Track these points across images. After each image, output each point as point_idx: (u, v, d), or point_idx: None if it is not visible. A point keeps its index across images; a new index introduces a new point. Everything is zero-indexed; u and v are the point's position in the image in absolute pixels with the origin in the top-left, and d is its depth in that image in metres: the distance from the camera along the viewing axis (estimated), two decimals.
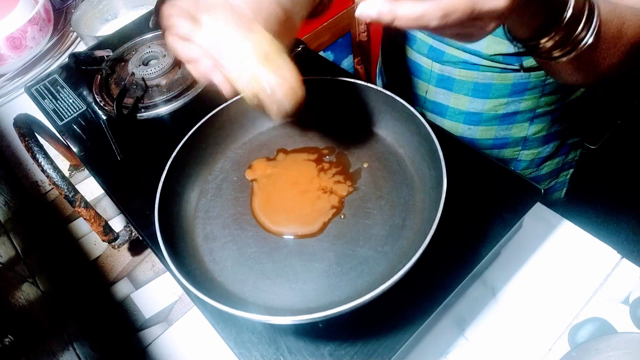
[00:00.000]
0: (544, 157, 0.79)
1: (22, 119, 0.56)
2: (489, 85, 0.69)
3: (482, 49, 0.66)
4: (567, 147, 0.80)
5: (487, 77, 0.68)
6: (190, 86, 0.69)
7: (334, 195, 0.53)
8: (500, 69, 0.67)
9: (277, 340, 0.46)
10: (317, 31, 1.47)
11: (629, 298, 0.55)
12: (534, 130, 0.75)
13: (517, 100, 0.70)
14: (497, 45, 0.64)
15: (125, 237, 0.59)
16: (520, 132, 0.75)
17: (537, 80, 0.68)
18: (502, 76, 0.68)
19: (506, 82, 0.68)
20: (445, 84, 0.72)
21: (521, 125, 0.74)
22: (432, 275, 0.47)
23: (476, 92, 0.71)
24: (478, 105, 0.72)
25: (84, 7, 1.02)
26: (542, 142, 0.77)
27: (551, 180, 0.84)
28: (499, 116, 0.73)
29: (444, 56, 0.70)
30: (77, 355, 0.56)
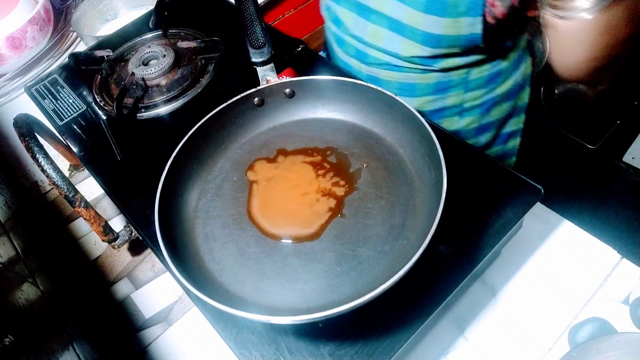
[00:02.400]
0: (480, 147, 0.81)
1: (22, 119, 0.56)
2: (413, 84, 0.72)
3: (400, 51, 0.69)
4: (505, 136, 0.82)
5: (410, 78, 0.72)
6: (190, 86, 0.69)
7: (332, 198, 0.53)
8: (421, 70, 0.70)
9: (277, 340, 0.46)
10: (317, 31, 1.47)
11: (629, 298, 0.55)
12: (465, 123, 0.77)
13: (442, 98, 0.73)
14: (413, 48, 0.67)
15: (125, 237, 0.59)
16: (451, 125, 0.77)
17: (458, 79, 0.71)
18: (423, 76, 0.71)
19: (429, 82, 0.71)
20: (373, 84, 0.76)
21: (451, 119, 0.77)
22: (432, 275, 0.47)
23: (402, 91, 0.74)
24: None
25: (84, 7, 1.02)
26: (475, 133, 0.79)
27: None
28: (426, 112, 0.75)
29: (368, 58, 0.73)
30: (77, 355, 0.56)
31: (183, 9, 0.86)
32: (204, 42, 0.73)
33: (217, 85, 0.70)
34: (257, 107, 0.60)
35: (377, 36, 0.69)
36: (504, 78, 0.74)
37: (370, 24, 0.69)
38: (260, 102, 0.59)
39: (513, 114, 0.80)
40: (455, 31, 0.63)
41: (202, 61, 0.72)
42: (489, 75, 0.72)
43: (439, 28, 0.63)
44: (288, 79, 0.59)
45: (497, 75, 0.73)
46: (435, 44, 0.65)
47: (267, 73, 0.59)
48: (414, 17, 0.63)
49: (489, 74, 0.72)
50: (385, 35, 0.68)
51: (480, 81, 0.72)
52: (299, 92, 0.59)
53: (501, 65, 0.72)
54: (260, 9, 0.62)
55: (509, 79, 0.75)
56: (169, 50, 0.72)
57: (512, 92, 0.77)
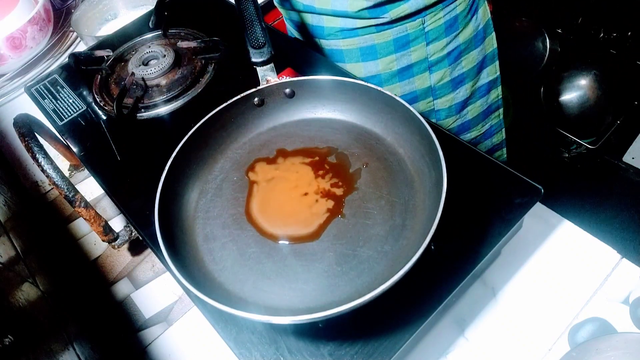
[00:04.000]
0: (461, 101, 0.81)
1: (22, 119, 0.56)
2: (373, 46, 0.73)
3: (347, 8, 0.70)
4: (485, 87, 0.83)
5: (368, 40, 0.72)
6: (190, 86, 0.69)
7: (331, 199, 0.53)
8: (375, 26, 0.70)
9: (277, 340, 0.46)
10: None
11: (629, 298, 0.55)
12: (437, 78, 0.77)
13: (405, 54, 0.74)
14: (359, 1, 0.68)
15: (125, 237, 0.59)
16: (423, 83, 0.77)
17: (416, 31, 0.71)
18: (380, 35, 0.71)
19: (387, 40, 0.72)
20: (337, 58, 0.77)
21: (421, 76, 0.77)
22: (432, 275, 0.47)
23: (364, 56, 0.74)
24: (372, 68, 0.75)
25: (84, 7, 1.02)
26: (451, 88, 0.79)
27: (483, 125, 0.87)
28: (395, 73, 0.76)
29: (324, 30, 0.74)
30: (77, 355, 0.56)
31: (183, 9, 0.86)
32: (204, 42, 0.73)
33: (217, 85, 0.70)
34: (257, 107, 0.60)
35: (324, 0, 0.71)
36: (463, 23, 0.74)
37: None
38: (260, 102, 0.59)
39: (484, 62, 0.80)
40: None
41: (202, 61, 0.72)
42: (445, 22, 0.72)
43: None
44: (288, 79, 0.59)
45: (454, 21, 0.73)
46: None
47: (267, 73, 0.59)
48: None
49: (445, 22, 0.72)
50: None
51: (439, 30, 0.73)
52: (299, 92, 0.59)
53: (456, 10, 0.72)
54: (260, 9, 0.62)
55: (468, 25, 0.75)
56: (169, 50, 0.72)
57: (475, 38, 0.77)
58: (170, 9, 0.83)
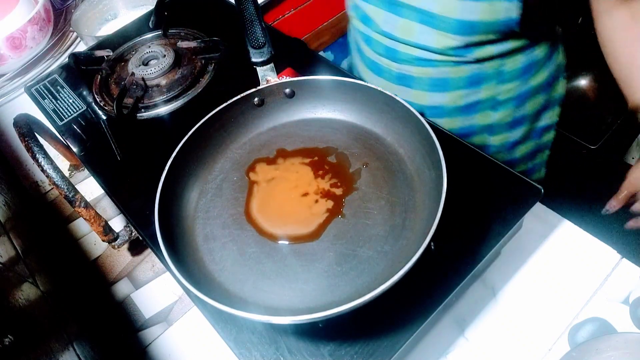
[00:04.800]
0: (514, 141, 0.80)
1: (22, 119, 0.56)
2: (446, 79, 0.71)
3: (432, 43, 0.68)
4: (540, 130, 0.81)
5: (443, 72, 0.71)
6: (190, 86, 0.69)
7: (331, 199, 0.53)
8: (454, 62, 0.69)
9: (277, 340, 0.46)
10: (317, 31, 1.47)
11: (629, 298, 0.55)
12: (499, 117, 0.76)
13: (475, 91, 0.72)
14: (446, 39, 0.66)
15: (125, 237, 0.59)
16: (484, 119, 0.76)
17: (492, 70, 0.70)
18: (457, 69, 0.70)
19: (462, 75, 0.70)
20: (404, 82, 0.75)
21: (484, 113, 0.75)
22: (432, 275, 0.47)
23: (434, 86, 0.73)
24: (438, 99, 0.74)
25: (84, 7, 1.02)
26: (509, 127, 0.78)
27: (528, 163, 0.85)
28: (460, 107, 0.74)
29: (398, 54, 0.72)
30: (77, 355, 0.56)
31: (183, 9, 0.86)
32: (204, 42, 0.73)
33: (217, 85, 0.70)
34: (257, 107, 0.60)
35: (409, 30, 0.68)
36: (538, 69, 0.73)
37: (401, 19, 0.68)
38: (260, 102, 0.59)
39: (548, 106, 0.79)
40: (492, 16, 0.62)
41: (202, 61, 0.72)
42: (523, 66, 0.71)
43: (474, 14, 0.62)
44: (288, 79, 0.59)
45: (532, 65, 0.72)
46: (469, 32, 0.65)
47: (267, 73, 0.59)
48: (446, 6, 0.63)
49: (523, 65, 0.71)
50: (417, 28, 0.68)
51: (515, 72, 0.71)
52: (299, 92, 0.59)
53: (535, 55, 0.71)
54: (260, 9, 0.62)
55: (543, 70, 0.73)
56: (169, 50, 0.72)
57: (546, 83, 0.75)
58: (170, 9, 0.83)
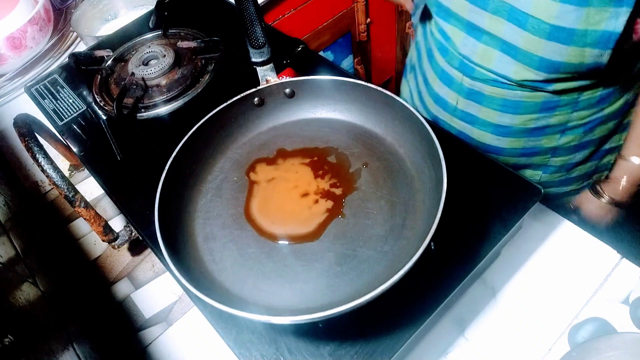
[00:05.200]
0: (574, 162, 0.77)
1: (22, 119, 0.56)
2: (519, 102, 0.68)
3: (511, 74, 0.65)
4: (602, 153, 0.78)
5: (517, 95, 0.67)
6: (190, 86, 0.69)
7: (331, 199, 0.53)
8: (531, 89, 0.66)
9: (277, 340, 0.46)
10: (317, 31, 1.47)
11: (629, 298, 0.55)
12: (565, 141, 0.73)
13: (547, 116, 0.69)
14: (526, 72, 0.63)
15: (125, 237, 0.59)
16: (550, 142, 0.74)
17: (568, 99, 0.67)
18: (531, 95, 0.67)
19: (536, 100, 0.67)
20: (474, 97, 0.72)
21: (552, 137, 0.73)
22: (432, 275, 0.47)
23: (505, 107, 0.70)
24: (507, 120, 0.71)
25: (84, 7, 1.02)
26: (573, 150, 0.75)
27: (582, 182, 0.82)
28: (528, 130, 0.72)
29: (474, 72, 0.69)
30: (77, 355, 0.56)
31: (183, 9, 0.86)
32: (204, 42, 0.73)
33: (217, 85, 0.70)
34: (257, 107, 0.60)
35: (487, 57, 0.66)
36: (615, 98, 0.70)
37: (481, 44, 0.66)
38: (260, 102, 0.59)
39: (617, 131, 0.76)
40: (579, 60, 0.59)
41: (202, 61, 0.72)
42: (601, 95, 0.68)
43: (561, 56, 0.59)
44: (288, 79, 0.59)
45: (609, 95, 0.68)
46: (552, 70, 0.62)
47: (267, 73, 0.59)
48: (532, 43, 0.60)
49: (600, 95, 0.68)
50: (496, 56, 0.65)
51: (591, 102, 0.68)
52: (299, 92, 0.59)
53: (613, 85, 0.67)
54: (260, 9, 0.62)
55: (620, 99, 0.70)
56: (169, 50, 0.72)
57: (620, 110, 0.72)
58: (170, 9, 0.83)
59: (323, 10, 1.45)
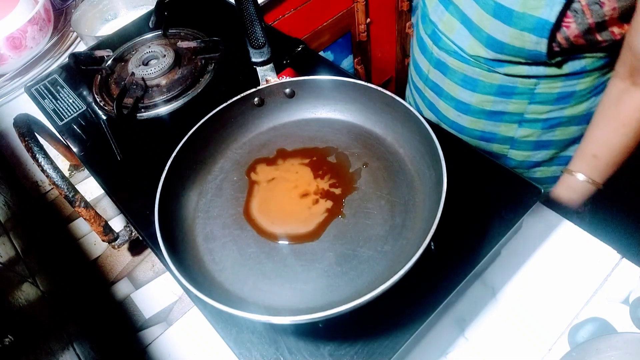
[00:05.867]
0: (536, 161, 0.79)
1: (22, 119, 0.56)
2: (476, 80, 0.71)
3: (466, 47, 0.68)
4: (567, 159, 0.77)
5: (476, 73, 0.70)
6: (190, 86, 0.69)
7: (331, 199, 0.53)
8: (486, 68, 0.69)
9: (277, 340, 0.46)
10: (317, 31, 1.47)
11: (629, 298, 0.55)
12: (523, 134, 0.75)
13: (504, 101, 0.71)
14: (478, 48, 0.66)
15: (125, 237, 0.59)
16: (508, 131, 0.75)
17: (524, 87, 0.68)
18: (489, 75, 0.69)
19: (493, 82, 0.70)
20: (441, 68, 0.75)
21: (509, 125, 0.75)
22: (432, 275, 0.47)
23: (465, 83, 0.73)
24: (467, 97, 0.74)
25: (84, 7, 1.02)
26: (532, 147, 0.77)
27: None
28: (486, 111, 0.74)
29: (440, 41, 0.73)
30: (77, 355, 0.56)
31: (183, 9, 0.86)
32: (204, 42, 0.73)
33: (217, 85, 0.70)
34: (257, 107, 0.60)
35: (450, 27, 0.69)
36: (577, 100, 0.70)
37: (447, 14, 0.69)
38: (260, 102, 0.59)
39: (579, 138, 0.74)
40: (520, 43, 0.61)
41: (202, 61, 0.72)
42: (560, 93, 0.68)
43: (504, 36, 0.61)
44: (288, 79, 0.59)
45: (569, 95, 0.69)
46: (498, 50, 0.64)
47: (267, 73, 0.59)
48: (482, 19, 0.63)
49: (559, 92, 0.68)
50: (457, 28, 0.68)
51: (549, 96, 0.69)
52: (299, 92, 0.59)
53: (576, 86, 0.68)
54: (260, 9, 0.62)
55: (583, 103, 0.70)
56: (169, 50, 0.72)
57: (584, 117, 0.72)
58: (170, 9, 0.83)
59: (323, 10, 1.45)
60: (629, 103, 0.61)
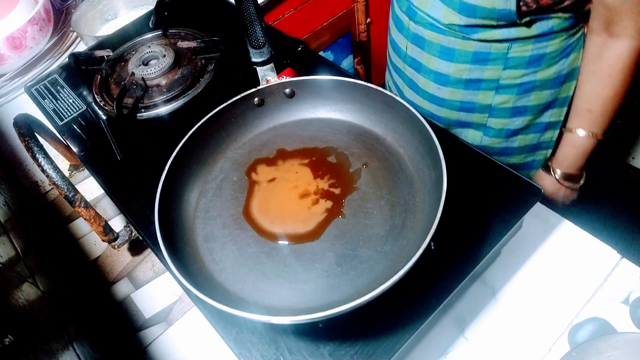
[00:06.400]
0: (514, 129, 0.81)
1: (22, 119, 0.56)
2: (453, 50, 0.73)
3: (440, 17, 0.70)
4: (543, 126, 0.82)
5: (452, 42, 0.73)
6: (190, 86, 0.69)
7: (331, 199, 0.53)
8: (462, 36, 0.71)
9: (277, 340, 0.46)
10: (317, 31, 1.47)
11: (629, 298, 0.55)
12: (500, 101, 0.77)
13: (479, 68, 0.74)
14: (452, 15, 0.69)
15: (125, 237, 0.59)
16: (485, 99, 0.78)
17: (498, 52, 0.71)
18: (464, 43, 0.72)
19: (468, 50, 0.72)
20: (418, 42, 0.78)
21: (486, 92, 0.77)
22: (432, 275, 0.47)
23: (442, 54, 0.75)
24: (444, 67, 0.76)
25: (84, 7, 1.02)
26: (510, 114, 0.79)
27: (527, 156, 0.86)
28: (463, 80, 0.76)
29: (416, 16, 0.75)
30: (77, 355, 0.56)
31: (183, 9, 0.86)
32: (204, 42, 0.73)
33: (217, 85, 0.70)
34: (257, 107, 0.60)
35: (424, 1, 0.72)
36: (548, 63, 0.73)
37: None
38: (260, 102, 0.59)
39: (554, 103, 0.79)
40: (490, 4, 0.64)
41: (202, 61, 0.72)
42: (531, 56, 0.72)
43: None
44: (288, 79, 0.59)
45: (540, 58, 0.72)
46: (470, 14, 0.67)
47: (267, 73, 0.59)
48: None
49: (531, 55, 0.71)
50: (430, 0, 0.71)
51: (521, 60, 0.72)
52: (299, 92, 0.59)
53: (546, 48, 0.71)
54: (260, 9, 0.62)
55: (553, 65, 0.74)
56: (169, 50, 0.72)
57: (555, 80, 0.76)
58: (170, 9, 0.83)
59: (323, 10, 1.45)
60: (609, 54, 0.65)
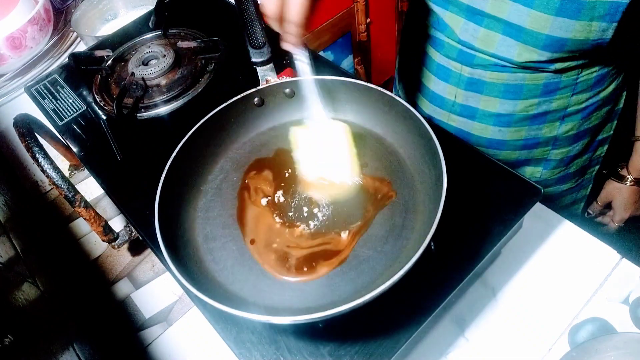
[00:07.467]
0: (573, 155, 0.78)
1: (22, 119, 0.56)
2: (520, 86, 0.69)
3: (514, 56, 0.65)
4: (596, 143, 0.80)
5: (519, 78, 0.68)
6: (190, 86, 0.69)
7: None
8: (532, 70, 0.67)
9: (277, 340, 0.46)
10: (317, 31, 1.47)
11: (629, 298, 0.55)
12: (565, 129, 0.74)
13: (548, 100, 0.70)
14: (529, 53, 0.63)
15: (125, 237, 0.59)
16: (550, 131, 0.74)
17: (568, 80, 0.68)
18: (533, 76, 0.67)
19: (537, 83, 0.68)
20: (475, 87, 0.72)
21: (552, 124, 0.73)
22: (432, 275, 0.47)
23: (507, 93, 0.70)
24: (509, 107, 0.71)
25: (84, 7, 1.02)
26: (572, 141, 0.76)
27: (578, 179, 0.83)
28: (529, 116, 0.72)
29: (474, 60, 0.69)
30: (77, 355, 0.56)
31: (183, 9, 0.86)
32: (204, 42, 0.73)
33: (217, 85, 0.70)
34: (257, 107, 0.60)
35: (489, 41, 0.66)
36: (609, 80, 0.71)
37: (482, 29, 0.66)
38: (260, 102, 0.59)
39: (609, 119, 0.78)
40: (584, 35, 0.59)
41: (202, 61, 0.72)
42: (597, 77, 0.69)
43: (567, 32, 0.59)
44: (288, 79, 0.59)
45: (605, 77, 0.70)
46: (557, 49, 0.62)
47: (267, 73, 0.59)
48: (539, 21, 0.60)
49: (596, 76, 0.69)
50: (499, 40, 0.65)
51: (588, 83, 0.69)
52: (298, 92, 0.59)
53: (607, 66, 0.69)
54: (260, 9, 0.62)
55: (614, 82, 0.72)
56: (169, 50, 0.72)
57: (613, 94, 0.74)
58: (170, 9, 0.83)
59: (323, 10, 1.45)
60: None
